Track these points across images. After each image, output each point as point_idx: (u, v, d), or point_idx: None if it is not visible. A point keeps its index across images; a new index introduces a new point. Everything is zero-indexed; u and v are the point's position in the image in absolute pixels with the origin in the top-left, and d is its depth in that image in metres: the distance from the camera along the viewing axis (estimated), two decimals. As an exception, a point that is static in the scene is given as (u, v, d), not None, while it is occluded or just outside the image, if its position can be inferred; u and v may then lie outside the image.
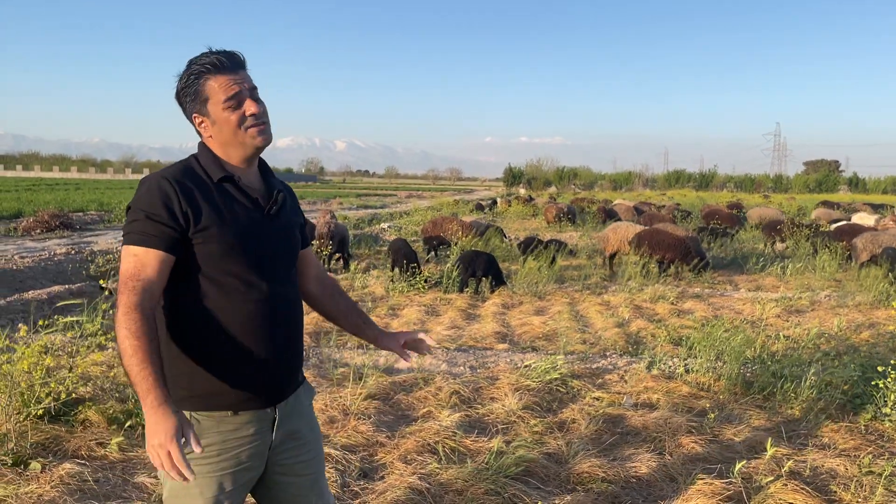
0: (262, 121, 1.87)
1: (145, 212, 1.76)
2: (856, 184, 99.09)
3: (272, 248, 1.91)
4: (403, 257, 11.08)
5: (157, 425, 1.61)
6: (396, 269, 11.11)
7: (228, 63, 1.84)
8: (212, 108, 1.84)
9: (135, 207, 1.78)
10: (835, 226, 15.92)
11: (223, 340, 1.83)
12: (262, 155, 1.97)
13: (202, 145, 1.94)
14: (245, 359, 1.85)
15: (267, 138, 1.89)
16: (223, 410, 1.86)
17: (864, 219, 21.20)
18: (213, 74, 1.83)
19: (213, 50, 1.86)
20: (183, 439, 1.63)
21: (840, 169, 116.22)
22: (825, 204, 34.23)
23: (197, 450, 1.65)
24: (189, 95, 1.86)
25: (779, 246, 17.99)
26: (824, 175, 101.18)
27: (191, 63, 1.85)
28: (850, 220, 20.19)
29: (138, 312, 1.69)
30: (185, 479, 1.60)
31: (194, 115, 1.88)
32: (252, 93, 1.86)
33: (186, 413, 1.85)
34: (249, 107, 1.84)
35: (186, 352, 1.85)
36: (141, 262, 1.75)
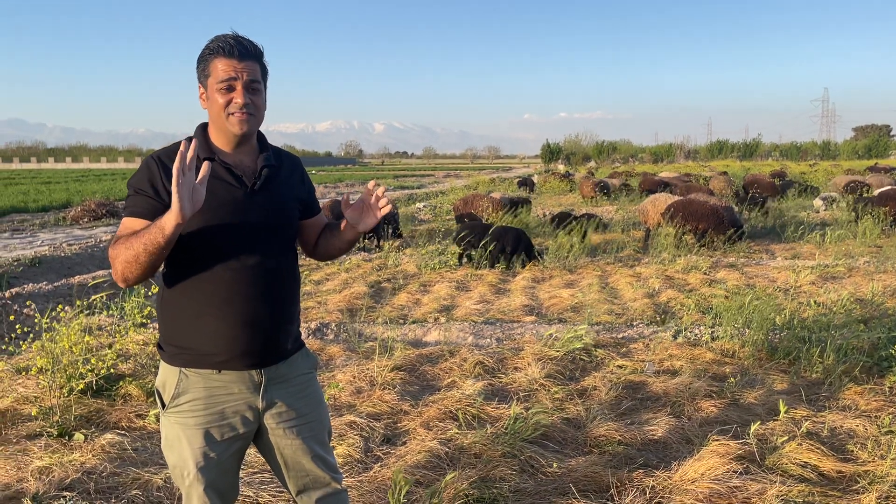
0: (245, 111, 2.00)
1: (134, 188, 2.00)
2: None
3: (253, 222, 2.04)
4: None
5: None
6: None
7: (237, 50, 1.98)
8: (210, 85, 2.02)
9: (129, 186, 2.01)
10: (879, 191, 15.49)
11: (203, 306, 2.01)
12: (299, 138, 2.01)
13: (198, 127, 2.13)
14: (223, 324, 2.01)
15: (246, 129, 2.03)
16: (208, 368, 2.04)
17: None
18: (219, 56, 1.99)
19: (231, 34, 2.02)
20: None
21: (891, 133, 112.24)
22: (873, 170, 33.20)
23: (190, 154, 1.78)
24: (200, 67, 2.05)
25: (822, 213, 17.62)
26: (874, 140, 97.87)
27: (210, 41, 2.02)
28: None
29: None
30: (187, 157, 1.75)
31: (199, 85, 2.07)
32: (249, 84, 2.00)
33: (177, 368, 2.05)
34: (237, 96, 1.99)
35: (175, 314, 2.06)
36: (125, 227, 1.96)
